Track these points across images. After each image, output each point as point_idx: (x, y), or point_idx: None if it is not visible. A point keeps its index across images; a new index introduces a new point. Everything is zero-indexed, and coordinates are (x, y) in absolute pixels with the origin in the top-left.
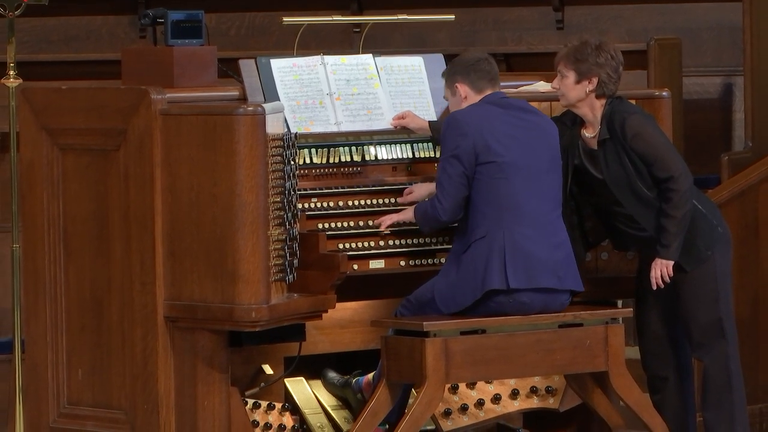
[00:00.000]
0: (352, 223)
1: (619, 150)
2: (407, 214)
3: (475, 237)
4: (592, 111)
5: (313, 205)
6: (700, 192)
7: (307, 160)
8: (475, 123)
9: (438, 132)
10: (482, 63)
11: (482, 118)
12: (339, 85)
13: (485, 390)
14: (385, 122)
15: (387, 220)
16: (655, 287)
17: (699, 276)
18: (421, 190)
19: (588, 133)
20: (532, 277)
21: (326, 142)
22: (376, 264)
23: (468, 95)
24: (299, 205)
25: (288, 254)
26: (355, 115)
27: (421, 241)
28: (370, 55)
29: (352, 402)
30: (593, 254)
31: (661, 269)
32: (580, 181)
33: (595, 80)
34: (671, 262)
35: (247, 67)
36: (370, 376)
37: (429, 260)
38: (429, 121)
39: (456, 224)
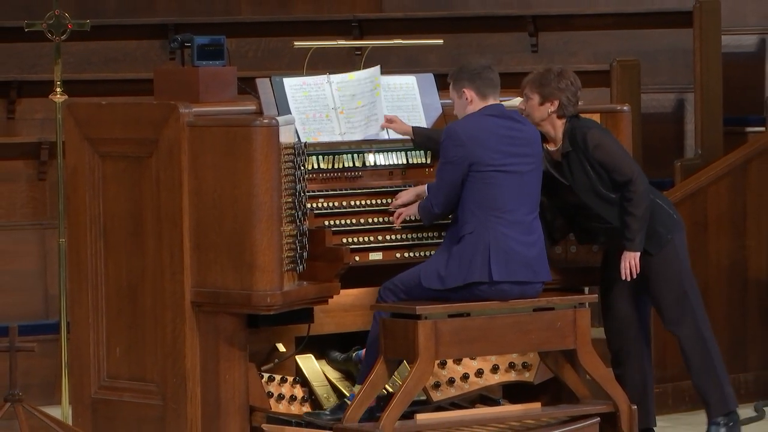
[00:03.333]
0: (354, 221)
1: (581, 160)
2: (413, 210)
3: (464, 231)
4: (554, 129)
5: (320, 205)
6: (655, 189)
7: (315, 166)
8: (471, 134)
9: (419, 137)
10: (488, 71)
11: (479, 129)
12: (343, 100)
13: (470, 365)
14: (380, 133)
15: (399, 217)
16: (626, 278)
17: (663, 258)
18: (408, 194)
19: (551, 148)
20: (512, 271)
21: (331, 150)
22: (375, 256)
23: (473, 100)
24: (308, 205)
25: (298, 247)
26: (357, 127)
27: (414, 236)
28: (379, 66)
29: (354, 373)
30: (563, 247)
31: (629, 261)
32: (547, 185)
33: (556, 102)
34: (638, 254)
35: (262, 85)
36: None
37: (421, 253)
38: (413, 127)
39: (449, 219)
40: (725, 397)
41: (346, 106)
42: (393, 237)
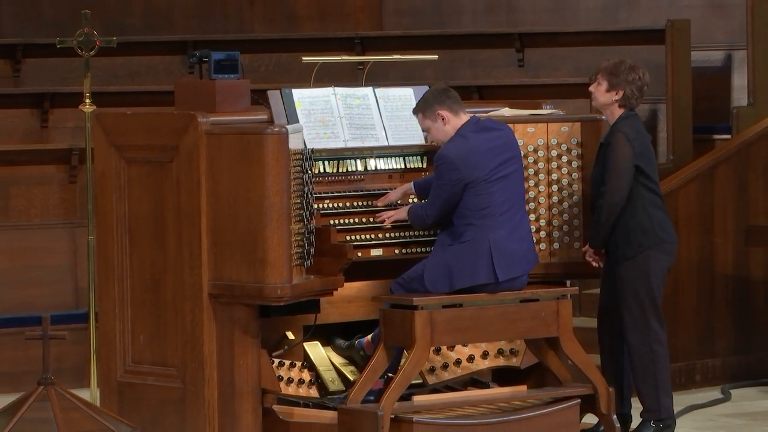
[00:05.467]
0: (356, 220)
1: (603, 153)
2: (402, 214)
3: (465, 239)
4: (612, 116)
5: (325, 205)
6: (661, 205)
7: (321, 170)
8: (462, 158)
9: (419, 188)
10: (449, 91)
11: (468, 150)
12: (346, 111)
13: (462, 351)
14: (380, 140)
15: (388, 217)
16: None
17: (631, 267)
18: (396, 193)
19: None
20: (512, 268)
21: (336, 155)
22: (376, 252)
23: (449, 118)
24: (315, 205)
25: (306, 244)
26: (358, 135)
27: (412, 233)
28: (371, 88)
29: (357, 359)
30: (547, 243)
31: (588, 253)
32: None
33: (621, 92)
34: (593, 250)
35: (273, 96)
36: (369, 337)
37: (418, 249)
38: (413, 182)
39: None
40: (660, 404)
41: (349, 116)
42: (392, 235)
